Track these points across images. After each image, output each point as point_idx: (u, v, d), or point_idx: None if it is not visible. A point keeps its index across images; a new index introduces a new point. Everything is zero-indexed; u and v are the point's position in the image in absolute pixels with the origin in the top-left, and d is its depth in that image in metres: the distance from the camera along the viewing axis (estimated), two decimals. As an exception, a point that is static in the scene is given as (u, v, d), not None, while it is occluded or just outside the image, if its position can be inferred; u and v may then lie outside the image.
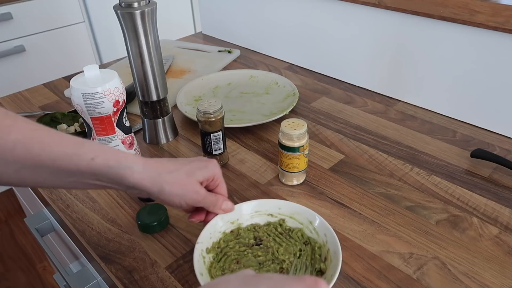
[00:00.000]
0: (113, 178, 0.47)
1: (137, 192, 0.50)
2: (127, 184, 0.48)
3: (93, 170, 0.46)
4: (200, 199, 0.52)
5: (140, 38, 0.72)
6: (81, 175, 0.46)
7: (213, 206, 0.54)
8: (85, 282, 0.67)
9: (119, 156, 0.48)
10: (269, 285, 0.33)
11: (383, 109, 0.92)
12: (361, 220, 0.63)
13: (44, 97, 1.03)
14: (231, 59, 1.19)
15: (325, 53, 1.06)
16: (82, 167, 0.45)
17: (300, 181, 0.71)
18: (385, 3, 0.87)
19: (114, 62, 1.20)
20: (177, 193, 0.50)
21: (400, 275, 0.55)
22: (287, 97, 0.94)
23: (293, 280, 0.33)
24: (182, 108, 0.89)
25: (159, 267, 0.57)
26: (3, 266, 1.69)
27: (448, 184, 0.70)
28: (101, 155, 0.47)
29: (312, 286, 0.33)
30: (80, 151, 0.46)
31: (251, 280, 0.34)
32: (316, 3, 1.01)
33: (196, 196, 0.51)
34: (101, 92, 0.65)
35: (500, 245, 0.58)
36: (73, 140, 0.46)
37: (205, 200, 0.52)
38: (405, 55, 0.90)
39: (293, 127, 0.65)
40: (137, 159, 0.49)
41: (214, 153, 0.74)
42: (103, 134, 0.70)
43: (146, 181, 0.48)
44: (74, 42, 1.87)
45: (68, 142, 0.46)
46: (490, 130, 0.83)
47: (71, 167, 0.45)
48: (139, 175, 0.48)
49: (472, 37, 0.78)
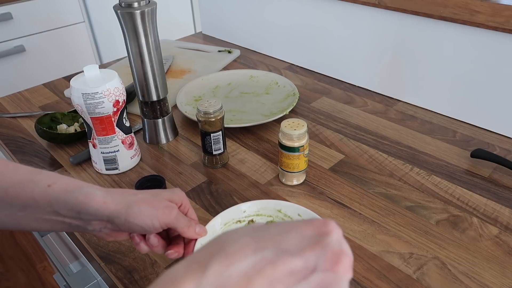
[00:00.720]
0: (73, 206, 0.43)
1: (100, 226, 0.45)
2: (89, 210, 0.43)
3: (50, 198, 0.43)
4: (173, 217, 0.46)
5: (140, 38, 0.72)
6: (35, 206, 0.42)
7: (188, 227, 0.48)
8: (85, 282, 0.67)
9: (78, 182, 0.45)
10: (278, 229, 0.32)
11: (383, 109, 0.92)
12: (361, 220, 0.63)
13: (44, 97, 1.03)
14: (231, 59, 1.19)
15: (325, 53, 1.06)
16: (37, 195, 0.42)
17: (300, 181, 0.71)
18: (385, 3, 0.87)
19: (114, 62, 1.20)
20: (147, 211, 0.45)
21: (400, 275, 0.55)
22: (287, 97, 0.94)
23: (302, 222, 0.32)
24: (182, 108, 0.89)
25: (159, 267, 0.57)
26: (3, 266, 1.69)
27: (448, 184, 0.70)
28: (59, 182, 0.43)
29: (321, 227, 0.32)
30: (36, 178, 0.43)
31: (261, 227, 0.33)
32: (316, 3, 1.01)
33: (169, 211, 0.46)
34: (101, 92, 0.65)
35: (500, 245, 0.58)
36: (30, 169, 0.44)
37: (178, 219, 0.47)
38: (405, 55, 0.90)
39: (293, 127, 0.65)
40: (97, 186, 0.45)
41: (214, 153, 0.74)
42: (103, 134, 0.70)
43: (109, 203, 0.44)
44: (74, 42, 1.87)
45: (24, 171, 0.44)
46: (490, 130, 0.83)
47: (25, 196, 0.42)
48: (102, 198, 0.44)
49: (472, 37, 0.78)
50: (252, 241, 0.31)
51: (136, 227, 0.45)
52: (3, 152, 0.88)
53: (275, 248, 0.30)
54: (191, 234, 0.49)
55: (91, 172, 0.75)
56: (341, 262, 0.29)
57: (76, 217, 0.44)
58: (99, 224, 0.45)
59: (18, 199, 0.42)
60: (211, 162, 0.75)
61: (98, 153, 0.72)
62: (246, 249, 0.30)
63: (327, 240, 0.31)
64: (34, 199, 0.42)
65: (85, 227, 0.45)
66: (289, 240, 0.31)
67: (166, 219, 0.46)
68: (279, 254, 0.29)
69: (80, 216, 0.44)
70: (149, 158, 0.79)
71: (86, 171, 0.76)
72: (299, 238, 0.31)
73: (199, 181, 0.72)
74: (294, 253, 0.30)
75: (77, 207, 0.43)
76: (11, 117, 0.94)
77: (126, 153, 0.73)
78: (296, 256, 0.29)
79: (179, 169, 0.75)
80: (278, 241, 0.31)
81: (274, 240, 0.31)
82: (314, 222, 0.32)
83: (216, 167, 0.75)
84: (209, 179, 0.73)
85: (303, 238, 0.31)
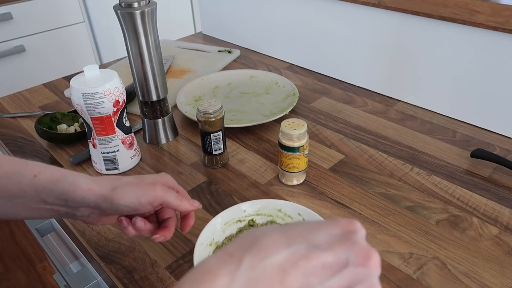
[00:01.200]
0: (59, 194, 0.44)
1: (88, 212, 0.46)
2: (75, 198, 0.44)
3: (37, 188, 0.43)
4: (158, 192, 0.46)
5: (140, 38, 0.72)
6: (23, 196, 0.43)
7: (180, 200, 0.48)
8: (85, 282, 0.67)
9: (64, 171, 0.46)
10: (306, 227, 0.33)
11: (383, 109, 0.92)
12: (361, 220, 0.63)
13: (44, 97, 1.03)
14: (231, 59, 1.19)
15: (325, 53, 1.06)
16: (24, 186, 0.43)
17: (300, 181, 0.71)
18: (385, 3, 0.87)
19: (114, 62, 1.20)
20: (132, 190, 0.45)
21: (400, 275, 0.55)
22: (287, 97, 0.94)
23: (328, 222, 0.33)
24: (182, 108, 0.89)
25: (159, 267, 0.57)
26: (3, 266, 1.69)
27: (448, 184, 0.70)
28: (45, 172, 0.44)
29: (347, 226, 0.33)
30: (22, 169, 0.44)
31: (287, 225, 0.34)
32: (316, 3, 1.01)
33: (153, 188, 0.46)
34: (101, 92, 0.65)
35: (500, 245, 0.58)
36: (16, 160, 0.45)
37: (166, 193, 0.47)
38: (405, 55, 0.90)
39: (293, 127, 0.65)
40: (82, 174, 0.46)
41: (214, 153, 0.74)
42: (103, 134, 0.70)
43: (95, 190, 0.45)
44: (74, 42, 1.87)
45: (10, 162, 0.44)
46: (490, 130, 0.83)
47: (12, 187, 0.43)
48: (87, 185, 0.45)
49: (472, 37, 0.78)
50: (283, 236, 0.31)
51: (123, 207, 0.45)
52: (3, 152, 0.88)
53: (306, 243, 0.31)
54: (186, 207, 0.49)
55: (91, 172, 0.75)
56: (372, 259, 0.30)
57: (63, 204, 0.45)
58: (87, 210, 0.46)
59: (6, 190, 0.43)
60: (211, 162, 0.75)
61: (98, 153, 0.72)
62: (278, 244, 0.31)
63: (354, 237, 0.32)
64: (21, 190, 0.43)
65: (74, 213, 0.46)
66: (318, 236, 0.32)
67: (151, 194, 0.46)
68: (310, 249, 0.30)
69: (67, 204, 0.45)
70: (149, 158, 0.79)
71: (86, 171, 0.76)
72: (327, 235, 0.32)
73: (199, 181, 0.72)
74: (325, 248, 0.31)
75: (64, 196, 0.44)
76: (11, 117, 0.94)
77: (126, 153, 0.73)
78: (327, 251, 0.30)
79: (179, 169, 0.75)
80: (308, 237, 0.32)
81: (304, 236, 0.32)
82: (340, 221, 0.33)
83: (216, 167, 0.75)
84: (209, 179, 0.73)
85: (331, 235, 0.32)
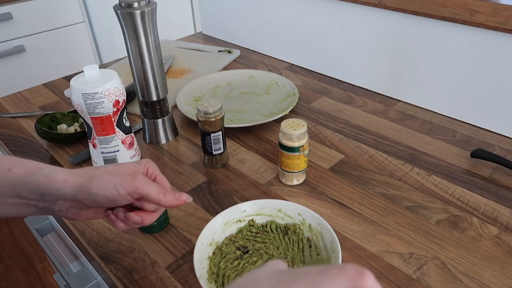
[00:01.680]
0: (34, 188, 0.43)
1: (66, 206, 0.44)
2: (51, 191, 0.43)
3: (12, 182, 0.42)
4: (138, 181, 0.44)
5: (140, 38, 0.72)
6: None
7: (163, 194, 0.45)
8: (85, 282, 0.67)
9: (40, 164, 0.45)
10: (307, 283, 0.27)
11: (383, 109, 0.92)
12: (361, 220, 0.63)
13: (44, 97, 1.03)
14: (231, 59, 1.19)
15: (325, 53, 1.06)
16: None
17: (300, 181, 0.71)
18: (385, 3, 0.87)
19: (114, 62, 1.20)
20: (109, 179, 0.43)
21: (400, 275, 0.55)
22: (287, 97, 0.94)
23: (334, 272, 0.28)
24: (182, 108, 0.89)
25: (159, 267, 0.57)
26: (3, 266, 1.69)
27: (448, 184, 0.70)
28: (20, 165, 0.43)
29: (357, 278, 0.27)
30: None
31: (285, 277, 0.28)
32: (316, 3, 1.01)
33: (132, 177, 0.44)
34: (101, 92, 0.65)
35: (500, 245, 0.58)
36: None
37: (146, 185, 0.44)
38: (405, 55, 0.90)
39: (293, 127, 0.65)
40: (59, 167, 0.45)
41: (214, 153, 0.74)
42: (103, 134, 0.70)
43: (70, 181, 0.43)
44: (74, 42, 1.87)
45: None
46: (490, 130, 0.83)
47: None
48: (63, 176, 0.43)
49: (472, 37, 0.78)
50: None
51: (100, 197, 0.43)
52: (3, 152, 0.88)
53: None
54: (170, 201, 0.46)
55: (91, 172, 0.75)
56: None
57: (39, 199, 0.44)
58: (65, 204, 0.44)
59: None
60: (211, 162, 0.75)
61: (98, 153, 0.72)
62: None
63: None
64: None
65: (52, 208, 0.45)
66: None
67: (130, 183, 0.44)
68: None
69: (44, 198, 0.44)
70: (149, 158, 0.79)
71: (86, 171, 0.76)
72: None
73: (199, 181, 0.72)
74: None
75: (39, 189, 0.43)
76: (11, 117, 0.94)
77: (126, 153, 0.73)
78: None
79: (179, 169, 0.75)
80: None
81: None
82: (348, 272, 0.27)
83: (216, 167, 0.75)
84: (209, 179, 0.73)
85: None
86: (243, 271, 0.52)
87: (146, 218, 0.47)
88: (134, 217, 0.46)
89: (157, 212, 0.48)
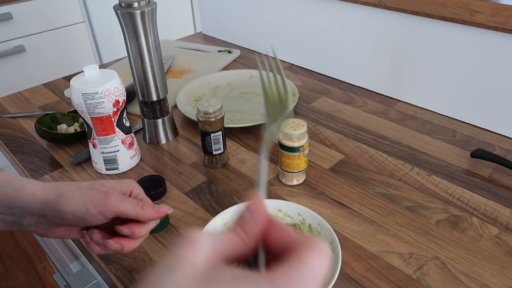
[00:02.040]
0: (3, 200, 0.41)
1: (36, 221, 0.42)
2: (19, 204, 0.41)
3: None
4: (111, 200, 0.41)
5: (140, 38, 0.72)
6: None
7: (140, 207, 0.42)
8: (85, 282, 0.67)
9: (11, 176, 0.43)
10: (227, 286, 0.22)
11: (383, 109, 0.92)
12: (361, 220, 0.63)
13: (44, 97, 1.03)
14: (231, 59, 1.19)
15: (325, 53, 1.06)
16: None
17: (300, 181, 0.71)
18: (385, 3, 0.87)
19: (114, 62, 1.20)
20: (79, 197, 0.40)
21: (400, 275, 0.55)
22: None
23: None
24: (182, 108, 0.89)
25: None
26: (3, 266, 1.69)
27: (448, 184, 0.70)
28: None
29: None
30: None
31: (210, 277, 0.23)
32: (316, 3, 1.01)
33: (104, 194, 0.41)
34: (101, 92, 0.65)
35: (500, 245, 0.58)
36: None
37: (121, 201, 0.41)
38: (405, 55, 0.90)
39: (293, 127, 0.65)
40: (33, 180, 0.43)
41: (214, 153, 0.74)
42: (103, 134, 0.70)
43: (39, 195, 0.40)
44: (74, 42, 1.88)
45: None
46: (490, 130, 0.83)
47: None
48: (32, 190, 0.41)
49: (472, 37, 0.78)
50: None
51: (69, 215, 0.40)
52: (3, 152, 0.88)
53: None
54: (149, 214, 0.42)
55: (91, 172, 0.75)
56: None
57: (7, 212, 0.42)
58: (33, 219, 0.42)
59: None
60: (211, 162, 0.75)
61: (98, 153, 0.72)
62: None
63: None
64: None
65: (21, 222, 0.42)
66: None
67: (102, 202, 0.40)
68: None
69: (12, 211, 0.42)
70: (149, 158, 0.79)
71: (86, 171, 0.76)
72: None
73: (199, 181, 0.72)
74: None
75: (7, 202, 0.41)
76: (11, 117, 0.94)
77: (126, 153, 0.73)
78: None
79: (179, 169, 0.75)
80: None
81: None
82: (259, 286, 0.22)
83: (216, 167, 0.75)
84: (209, 179, 0.73)
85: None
86: None
87: (126, 245, 0.43)
88: (113, 244, 0.42)
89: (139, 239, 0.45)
